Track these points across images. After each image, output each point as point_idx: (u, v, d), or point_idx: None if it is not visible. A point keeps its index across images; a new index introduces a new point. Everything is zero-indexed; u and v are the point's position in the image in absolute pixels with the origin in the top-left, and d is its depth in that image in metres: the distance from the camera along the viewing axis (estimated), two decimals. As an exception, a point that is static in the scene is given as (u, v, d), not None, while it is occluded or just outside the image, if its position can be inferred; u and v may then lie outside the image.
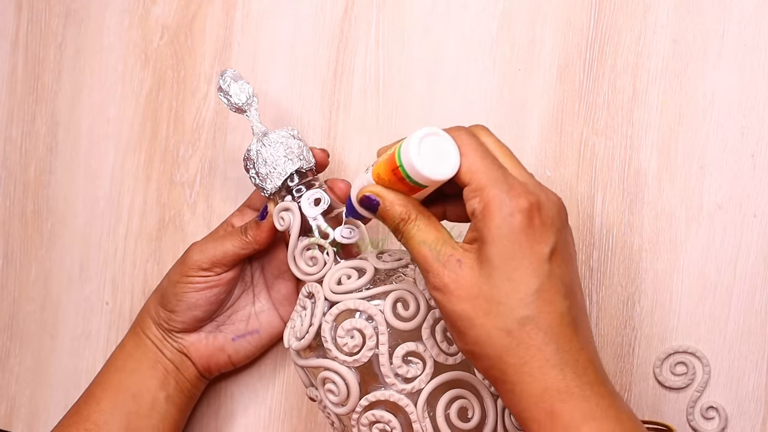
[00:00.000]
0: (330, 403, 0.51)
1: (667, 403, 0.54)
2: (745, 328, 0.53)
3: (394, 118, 0.60)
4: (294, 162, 0.54)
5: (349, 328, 0.50)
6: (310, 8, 0.62)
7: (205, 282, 0.56)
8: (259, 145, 0.54)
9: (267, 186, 0.55)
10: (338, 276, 0.52)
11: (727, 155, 0.54)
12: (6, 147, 0.70)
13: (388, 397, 0.49)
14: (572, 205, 0.56)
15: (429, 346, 0.49)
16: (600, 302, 0.56)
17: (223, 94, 0.56)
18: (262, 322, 0.59)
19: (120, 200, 0.67)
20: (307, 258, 0.54)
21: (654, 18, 0.55)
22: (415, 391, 0.49)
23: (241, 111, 0.56)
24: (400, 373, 0.49)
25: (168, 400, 0.58)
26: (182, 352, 0.58)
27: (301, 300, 0.53)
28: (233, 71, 0.56)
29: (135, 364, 0.58)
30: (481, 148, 0.45)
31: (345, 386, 0.50)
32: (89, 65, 0.68)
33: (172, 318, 0.57)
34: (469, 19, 0.58)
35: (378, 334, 0.49)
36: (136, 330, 0.59)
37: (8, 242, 0.70)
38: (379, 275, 0.52)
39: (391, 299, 0.50)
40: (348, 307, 0.50)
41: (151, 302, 0.59)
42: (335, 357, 0.50)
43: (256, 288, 0.59)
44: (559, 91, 0.57)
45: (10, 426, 0.69)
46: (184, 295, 0.56)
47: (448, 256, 0.44)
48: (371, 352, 0.49)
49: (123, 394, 0.57)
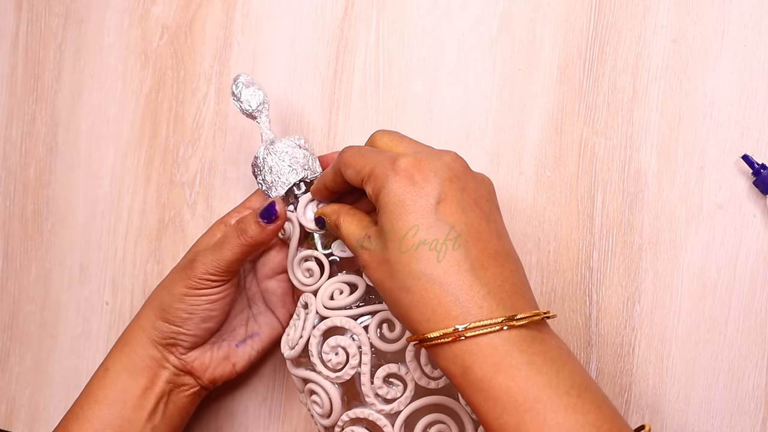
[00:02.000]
0: (315, 414, 0.52)
1: (668, 404, 0.54)
2: (745, 328, 0.53)
3: (394, 118, 0.60)
4: (298, 172, 0.54)
5: (334, 345, 0.50)
6: (310, 8, 0.62)
7: (219, 293, 0.54)
8: (266, 152, 0.55)
9: (272, 194, 0.55)
10: (331, 290, 0.52)
11: (727, 155, 0.54)
12: (6, 147, 0.70)
13: (367, 416, 0.50)
14: (572, 205, 0.56)
15: (411, 369, 0.49)
16: (600, 302, 0.56)
17: (235, 99, 0.56)
18: (261, 325, 0.58)
19: (120, 200, 0.67)
20: (305, 269, 0.54)
21: (654, 18, 0.55)
22: (394, 413, 0.49)
23: (251, 117, 0.56)
24: (380, 393, 0.49)
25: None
26: (184, 369, 0.55)
27: (297, 309, 0.54)
28: (246, 77, 0.56)
29: (118, 394, 0.54)
30: (353, 151, 0.48)
31: (329, 400, 0.51)
32: (89, 65, 0.68)
33: (180, 332, 0.54)
34: (469, 19, 0.58)
35: (361, 353, 0.50)
36: (124, 351, 0.55)
37: (8, 242, 0.70)
38: (371, 293, 0.52)
39: (378, 319, 0.50)
40: (335, 324, 0.50)
41: (145, 320, 0.55)
42: (320, 371, 0.51)
43: (250, 291, 0.59)
44: (559, 91, 0.57)
45: (10, 426, 0.69)
46: (197, 308, 0.53)
47: (363, 236, 0.47)
48: (354, 370, 0.50)
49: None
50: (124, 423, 0.53)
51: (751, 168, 0.52)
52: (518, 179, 0.57)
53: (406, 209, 0.44)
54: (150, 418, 0.54)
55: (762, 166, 0.52)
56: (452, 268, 0.43)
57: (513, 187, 0.57)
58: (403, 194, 0.44)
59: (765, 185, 0.52)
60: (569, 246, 0.56)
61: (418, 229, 0.44)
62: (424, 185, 0.44)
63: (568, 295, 0.56)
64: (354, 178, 0.48)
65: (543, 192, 0.57)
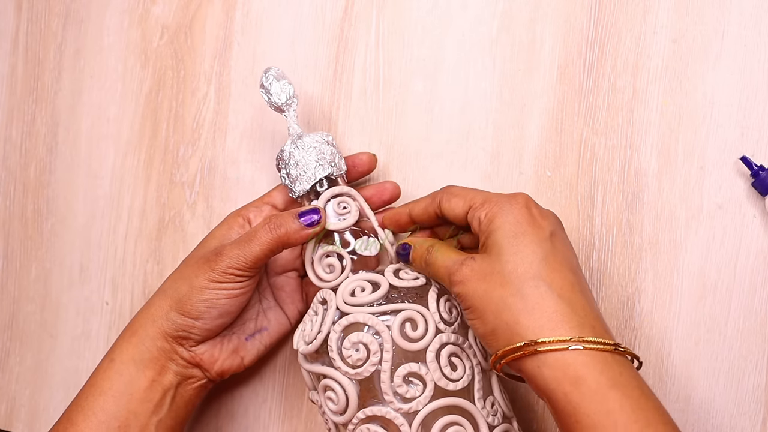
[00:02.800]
0: (329, 411, 0.51)
1: (668, 404, 0.54)
2: (745, 328, 0.53)
3: (394, 118, 0.60)
4: (324, 168, 0.54)
5: (356, 341, 0.50)
6: (310, 8, 0.62)
7: (240, 288, 0.53)
8: (292, 146, 0.54)
9: (296, 188, 0.54)
10: (352, 287, 0.52)
11: (727, 155, 0.54)
12: (6, 147, 0.70)
13: (384, 414, 0.49)
14: (572, 205, 0.56)
15: (432, 369, 0.49)
16: (600, 302, 0.56)
17: (264, 91, 0.55)
18: (270, 320, 0.58)
19: (120, 200, 0.67)
20: (325, 265, 0.53)
21: (654, 18, 0.55)
22: (412, 412, 0.49)
23: (279, 110, 0.55)
24: (399, 392, 0.49)
25: (159, 426, 0.53)
26: (192, 362, 0.54)
27: (314, 305, 0.53)
28: (277, 69, 0.55)
29: (125, 386, 0.52)
30: (460, 187, 0.53)
31: (345, 397, 0.50)
32: (89, 65, 0.68)
33: (194, 326, 0.53)
34: (469, 19, 0.58)
35: (383, 351, 0.49)
36: (131, 341, 0.54)
37: (8, 242, 0.70)
38: (393, 292, 0.52)
39: (401, 318, 0.50)
40: (357, 320, 0.50)
41: (158, 309, 0.54)
42: (338, 367, 0.50)
43: (261, 286, 0.58)
44: (559, 91, 0.57)
45: (10, 426, 0.69)
46: (216, 303, 0.52)
47: (464, 259, 0.48)
48: (374, 367, 0.49)
49: (107, 425, 0.52)
50: (130, 415, 0.52)
51: (750, 169, 0.52)
52: (518, 179, 0.57)
53: (524, 230, 0.47)
54: (156, 411, 0.53)
55: (760, 168, 0.52)
56: (568, 286, 0.46)
57: (513, 187, 0.57)
58: (522, 219, 0.48)
59: (763, 186, 0.52)
60: (569, 246, 0.56)
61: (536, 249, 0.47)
62: (540, 218, 0.48)
63: (568, 295, 0.56)
64: (459, 207, 0.50)
65: (543, 192, 0.57)
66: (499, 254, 0.47)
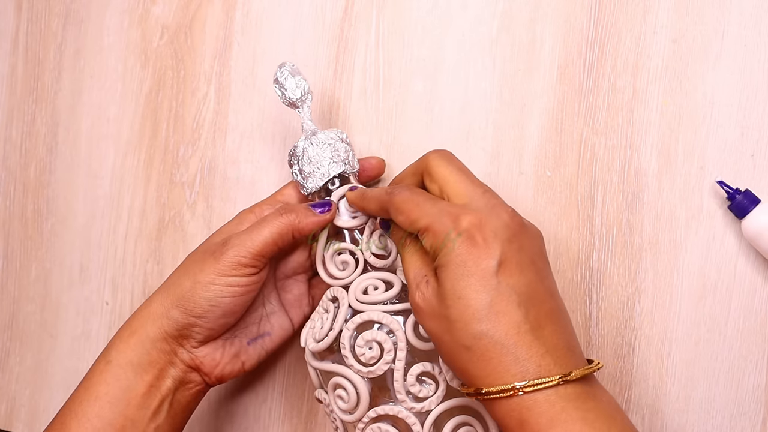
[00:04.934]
0: (338, 409, 0.51)
1: (668, 404, 0.54)
2: (745, 328, 0.53)
3: (394, 118, 0.60)
4: (339, 165, 0.54)
5: (369, 339, 0.50)
6: (310, 8, 0.62)
7: (245, 285, 0.51)
8: (306, 143, 0.54)
9: (308, 185, 0.54)
10: (365, 285, 0.52)
11: (727, 155, 0.54)
12: (6, 147, 0.70)
13: (396, 413, 0.49)
14: (572, 205, 0.56)
15: (444, 369, 0.49)
16: (600, 302, 0.56)
17: (279, 86, 0.55)
18: (273, 324, 0.57)
19: (120, 200, 0.67)
20: (338, 262, 0.53)
21: (654, 18, 0.55)
22: (424, 411, 0.49)
23: (293, 106, 0.55)
24: (412, 391, 0.49)
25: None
26: (192, 365, 0.53)
27: (324, 302, 0.53)
28: (292, 65, 0.55)
29: (122, 391, 0.51)
30: (406, 196, 0.48)
31: (356, 395, 0.50)
32: (89, 65, 0.68)
33: (196, 324, 0.51)
34: (469, 19, 0.58)
35: (397, 349, 0.49)
36: (129, 342, 0.52)
37: (8, 242, 0.70)
38: (405, 291, 0.51)
39: (414, 317, 0.50)
40: (371, 318, 0.50)
41: (158, 306, 0.52)
42: (351, 365, 0.50)
43: (266, 289, 0.57)
44: (559, 91, 0.57)
45: (10, 426, 0.69)
46: (221, 300, 0.51)
47: (422, 277, 0.47)
48: (387, 366, 0.49)
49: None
50: (127, 422, 0.50)
51: (726, 193, 0.52)
52: (518, 179, 0.57)
53: (467, 271, 0.45)
54: (153, 418, 0.51)
55: (736, 191, 0.52)
56: (513, 330, 0.44)
57: (513, 187, 0.57)
58: (465, 255, 0.45)
59: (739, 210, 0.52)
60: (569, 246, 0.56)
61: (480, 292, 0.45)
62: (485, 248, 0.45)
63: (568, 295, 0.56)
64: (407, 227, 0.48)
65: (543, 192, 0.57)
66: (444, 297, 0.45)
